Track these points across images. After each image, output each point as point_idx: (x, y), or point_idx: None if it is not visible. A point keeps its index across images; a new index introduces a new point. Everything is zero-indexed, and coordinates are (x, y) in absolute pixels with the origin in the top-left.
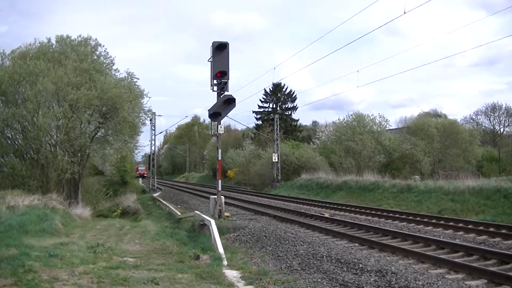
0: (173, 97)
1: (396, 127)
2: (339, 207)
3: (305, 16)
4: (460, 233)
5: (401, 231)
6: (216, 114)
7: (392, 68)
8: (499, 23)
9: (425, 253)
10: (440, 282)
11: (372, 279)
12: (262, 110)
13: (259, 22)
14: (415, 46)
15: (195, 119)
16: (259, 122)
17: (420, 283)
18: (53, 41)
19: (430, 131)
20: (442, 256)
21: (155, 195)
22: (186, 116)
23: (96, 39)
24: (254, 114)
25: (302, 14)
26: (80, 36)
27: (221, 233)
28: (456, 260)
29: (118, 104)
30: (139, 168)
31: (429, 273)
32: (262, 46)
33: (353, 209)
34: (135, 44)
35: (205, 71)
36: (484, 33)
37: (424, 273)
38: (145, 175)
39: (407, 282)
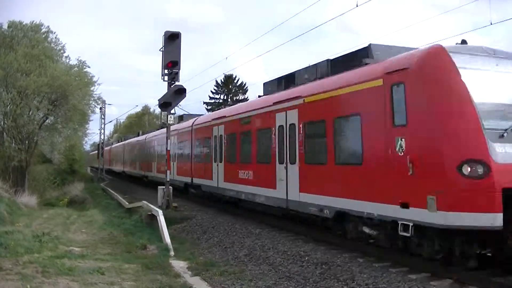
0: (126, 87)
1: None
2: None
3: (263, 8)
4: None
5: None
6: (166, 104)
7: None
8: (451, 21)
9: (370, 247)
10: (384, 274)
11: (318, 271)
12: (213, 101)
13: (215, 13)
14: (368, 42)
15: (146, 109)
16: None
17: (365, 275)
18: (5, 26)
19: None
20: (386, 250)
21: (103, 184)
22: (137, 106)
23: (48, 27)
24: (205, 105)
25: (259, 6)
26: (32, 22)
27: (168, 223)
28: (400, 254)
29: (68, 92)
30: None
31: (373, 266)
32: (217, 38)
33: None
34: (90, 33)
35: (160, 62)
36: (436, 31)
37: (369, 266)
38: None
39: (352, 275)
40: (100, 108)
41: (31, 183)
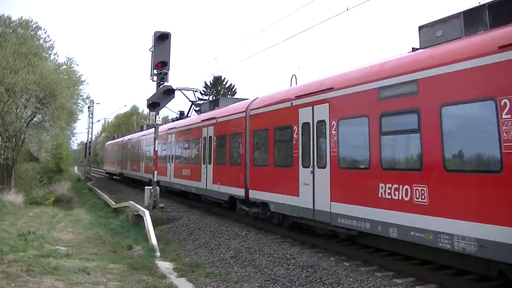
0: (115, 85)
1: None
2: None
3: (253, 11)
4: None
5: None
6: (154, 104)
7: (335, 66)
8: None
9: (356, 250)
10: (370, 278)
11: (304, 275)
12: (201, 102)
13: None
14: (357, 45)
15: (134, 109)
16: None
17: (351, 279)
18: None
19: None
20: (373, 254)
21: (90, 183)
22: (125, 105)
23: (37, 22)
24: (193, 106)
25: (250, 8)
26: (21, 18)
27: (155, 224)
28: (385, 258)
29: (56, 91)
30: None
31: (359, 270)
32: (208, 39)
33: None
34: (80, 29)
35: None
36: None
37: (355, 270)
38: None
39: (338, 278)
40: (88, 107)
41: (17, 181)
